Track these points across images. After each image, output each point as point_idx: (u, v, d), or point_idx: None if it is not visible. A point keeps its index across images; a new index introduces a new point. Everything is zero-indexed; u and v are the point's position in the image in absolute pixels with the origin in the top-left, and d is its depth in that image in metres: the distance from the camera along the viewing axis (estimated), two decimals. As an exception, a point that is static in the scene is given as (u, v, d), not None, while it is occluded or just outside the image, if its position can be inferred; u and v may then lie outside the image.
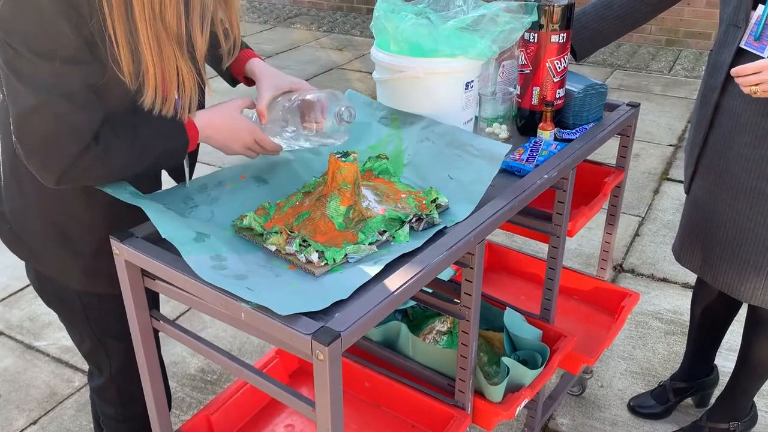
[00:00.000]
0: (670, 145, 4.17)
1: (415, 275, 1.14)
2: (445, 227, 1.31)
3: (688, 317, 2.65)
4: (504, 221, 1.38)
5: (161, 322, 1.34)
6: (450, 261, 1.23)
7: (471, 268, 1.32)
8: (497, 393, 1.48)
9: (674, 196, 3.60)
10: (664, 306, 2.77)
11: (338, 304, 1.09)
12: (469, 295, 1.35)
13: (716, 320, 2.09)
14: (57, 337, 2.62)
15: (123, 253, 1.24)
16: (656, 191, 3.66)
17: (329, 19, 7.20)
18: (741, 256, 1.75)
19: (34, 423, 2.23)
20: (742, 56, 1.61)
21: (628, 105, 1.90)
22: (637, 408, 2.24)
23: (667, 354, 2.50)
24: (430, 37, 1.50)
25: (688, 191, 1.90)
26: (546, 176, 1.48)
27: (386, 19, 1.54)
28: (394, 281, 1.13)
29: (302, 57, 6.01)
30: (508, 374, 1.50)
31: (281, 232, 1.23)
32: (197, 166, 1.51)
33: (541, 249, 2.96)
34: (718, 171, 1.76)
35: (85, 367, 2.45)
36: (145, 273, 1.28)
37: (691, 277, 2.87)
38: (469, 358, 1.42)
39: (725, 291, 1.82)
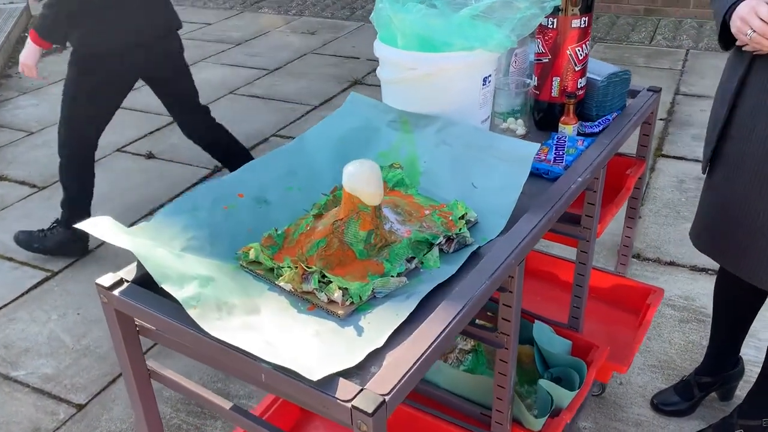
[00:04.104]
0: (660, 120, 4.04)
1: (458, 314, 0.98)
2: (480, 247, 1.15)
3: (701, 303, 2.55)
4: (542, 235, 1.23)
5: (159, 372, 1.17)
6: (492, 290, 1.07)
7: (510, 292, 1.17)
8: (538, 424, 1.35)
9: (671, 173, 3.48)
10: (675, 292, 2.66)
11: (373, 354, 0.93)
12: (508, 321, 1.20)
13: (743, 308, 1.98)
14: (36, 365, 2.42)
15: (113, 301, 1.06)
16: (652, 169, 3.55)
17: (298, 1, 6.94)
18: (761, 241, 1.63)
19: (18, 464, 2.05)
20: None
21: (649, 90, 1.76)
22: (661, 406, 2.13)
23: (684, 344, 2.39)
24: (442, 29, 1.34)
25: (705, 171, 1.77)
26: (580, 179, 1.34)
27: (391, 9, 1.37)
28: (436, 323, 0.97)
29: (273, 43, 5.77)
30: (552, 404, 1.37)
31: (295, 267, 1.07)
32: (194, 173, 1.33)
33: (550, 245, 2.82)
34: (739, 153, 1.62)
35: (70, 396, 2.26)
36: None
37: (699, 259, 2.76)
38: (507, 388, 1.28)
39: (746, 278, 1.71)
